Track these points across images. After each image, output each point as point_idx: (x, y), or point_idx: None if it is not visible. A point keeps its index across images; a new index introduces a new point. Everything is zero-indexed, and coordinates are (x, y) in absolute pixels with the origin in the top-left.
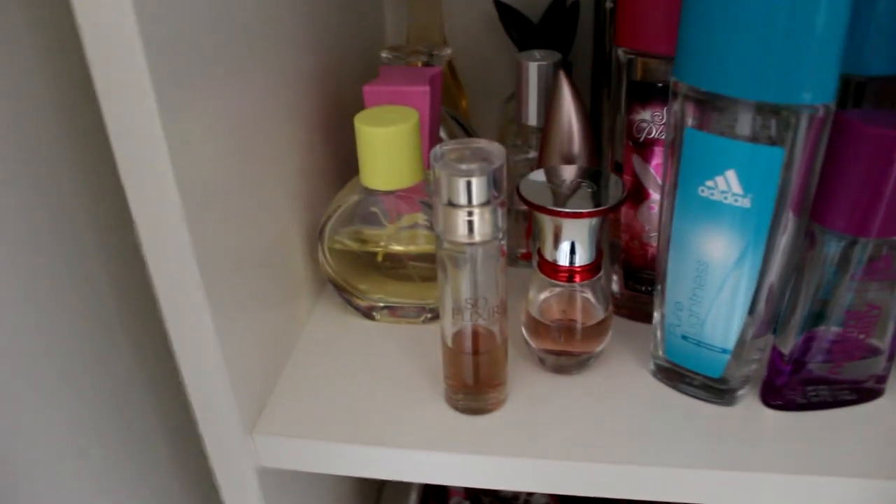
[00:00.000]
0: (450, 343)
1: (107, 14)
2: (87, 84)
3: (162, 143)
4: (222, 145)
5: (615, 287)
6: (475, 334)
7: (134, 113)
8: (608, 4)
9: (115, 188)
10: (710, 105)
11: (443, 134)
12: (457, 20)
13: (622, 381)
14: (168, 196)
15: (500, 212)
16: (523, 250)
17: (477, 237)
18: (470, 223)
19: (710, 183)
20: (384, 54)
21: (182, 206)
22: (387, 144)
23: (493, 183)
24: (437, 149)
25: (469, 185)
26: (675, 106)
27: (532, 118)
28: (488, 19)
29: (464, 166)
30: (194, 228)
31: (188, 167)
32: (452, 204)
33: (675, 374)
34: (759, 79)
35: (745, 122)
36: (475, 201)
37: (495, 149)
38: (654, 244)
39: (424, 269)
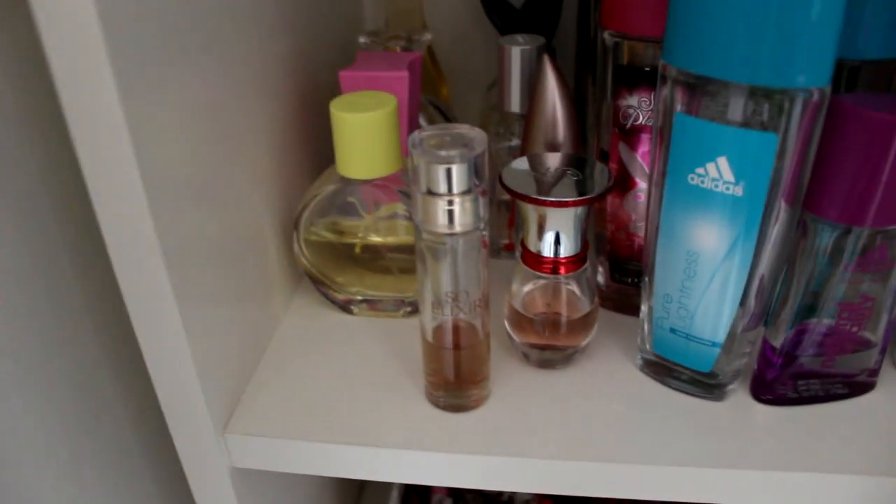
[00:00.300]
0: (430, 338)
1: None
2: (45, 67)
3: (123, 130)
4: (190, 132)
5: (600, 279)
6: (456, 329)
7: (93, 98)
8: None
9: (79, 176)
10: (700, 89)
11: (422, 121)
12: (437, 4)
13: (608, 375)
14: (131, 186)
15: (481, 201)
16: (506, 241)
17: (457, 227)
18: (450, 213)
19: (700, 170)
20: (362, 39)
21: (146, 197)
22: (364, 131)
23: (475, 171)
24: (416, 135)
25: (449, 172)
26: (664, 90)
27: (515, 105)
28: (470, 3)
29: (443, 153)
30: (159, 220)
31: (152, 155)
32: (432, 192)
33: (662, 369)
34: (751, 61)
35: (736, 107)
36: (455, 190)
37: (477, 135)
38: (642, 234)
39: (403, 260)
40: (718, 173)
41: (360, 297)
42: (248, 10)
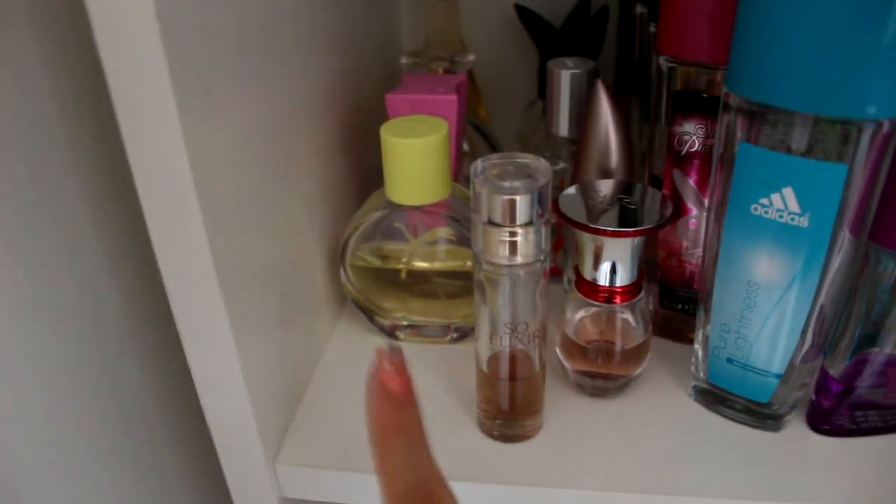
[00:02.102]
0: (485, 367)
1: (125, 16)
2: (94, 87)
3: (182, 153)
4: (244, 154)
5: (649, 305)
6: (512, 359)
7: (153, 121)
8: (639, 9)
9: (122, 197)
10: (763, 118)
11: (465, 144)
12: (473, 24)
13: (661, 404)
14: (188, 209)
15: (544, 232)
16: (552, 264)
17: (519, 259)
18: (512, 244)
19: (764, 201)
20: (404, 60)
21: (203, 221)
22: (416, 157)
23: (539, 201)
24: (478, 163)
25: (513, 203)
26: (727, 119)
27: (563, 129)
28: (506, 23)
29: (507, 184)
30: (215, 242)
31: (209, 178)
32: (493, 223)
33: (716, 398)
34: (819, 91)
35: (801, 137)
36: (518, 221)
37: (541, 165)
38: (694, 261)
39: (450, 285)
40: (784, 204)
41: (405, 323)
42: (295, 32)
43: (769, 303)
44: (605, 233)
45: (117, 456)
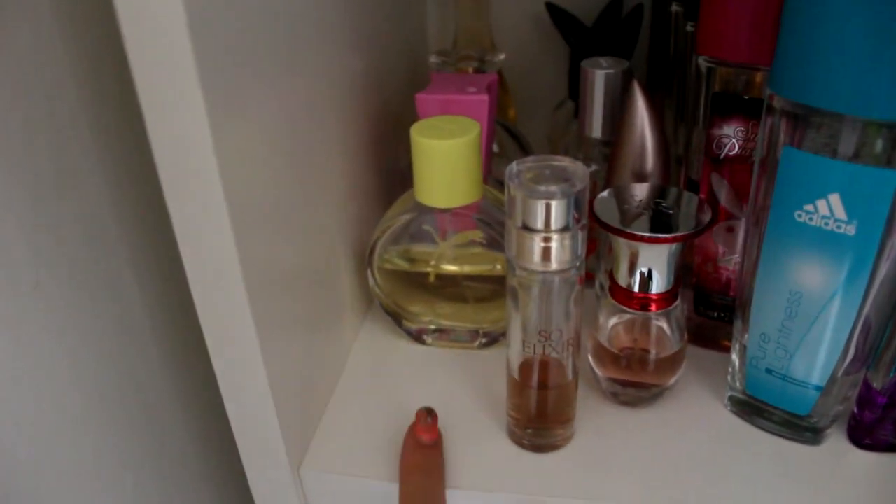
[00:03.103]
0: (516, 375)
1: (155, 15)
2: (119, 87)
3: (211, 154)
4: (271, 155)
5: None
6: (544, 367)
7: (181, 121)
8: (675, 8)
9: (147, 197)
10: (808, 121)
11: (494, 145)
12: (503, 23)
13: (695, 415)
14: (216, 211)
15: (580, 237)
16: None
17: (554, 265)
18: (547, 249)
19: (808, 207)
20: (433, 59)
21: (231, 223)
22: (447, 158)
23: (575, 206)
24: (513, 166)
25: (548, 208)
26: (770, 121)
27: (596, 130)
28: (536, 22)
29: (543, 188)
30: (242, 245)
31: (237, 179)
32: (528, 228)
33: (753, 409)
34: (868, 93)
35: (848, 141)
36: (554, 226)
37: (578, 169)
38: (730, 268)
39: (479, 289)
40: (830, 211)
41: (433, 327)
42: (323, 30)
43: (811, 313)
44: (642, 239)
45: (141, 457)
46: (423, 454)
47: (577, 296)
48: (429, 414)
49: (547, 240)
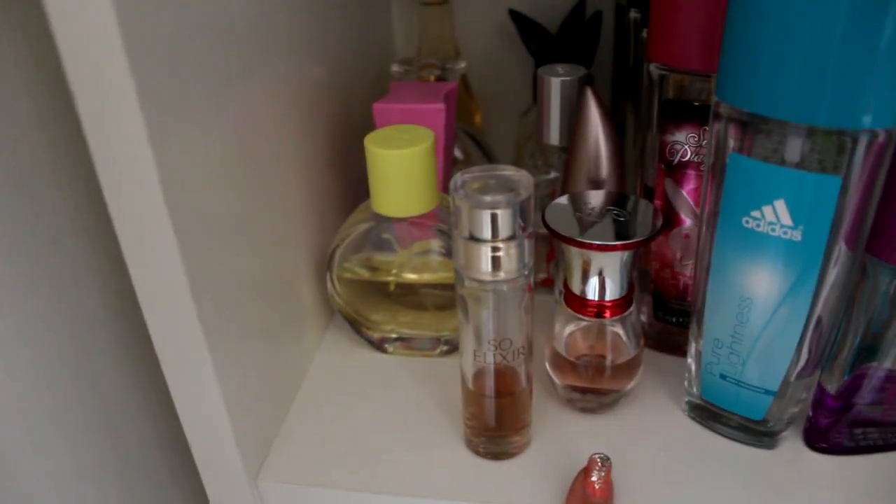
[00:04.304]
0: (470, 385)
1: (87, 30)
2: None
3: (152, 170)
4: (222, 168)
5: (643, 317)
6: (498, 375)
7: (120, 137)
8: (632, 14)
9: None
10: (754, 128)
11: (457, 152)
12: (468, 30)
13: (653, 420)
14: (160, 226)
15: (527, 246)
16: (544, 275)
17: (502, 274)
18: (494, 259)
19: (756, 213)
20: (395, 68)
21: (175, 237)
22: (401, 168)
23: (521, 215)
24: (458, 177)
25: (494, 218)
26: (717, 128)
27: (554, 137)
28: (501, 29)
29: (488, 198)
30: (189, 260)
31: (182, 195)
32: (475, 238)
33: (710, 414)
34: (812, 101)
35: (794, 148)
36: (501, 235)
37: (523, 178)
38: (688, 273)
39: (439, 297)
40: (776, 217)
41: (394, 336)
42: (281, 40)
43: (762, 318)
44: (591, 247)
45: (103, 467)
46: None
47: (527, 304)
48: (602, 463)
49: (494, 249)
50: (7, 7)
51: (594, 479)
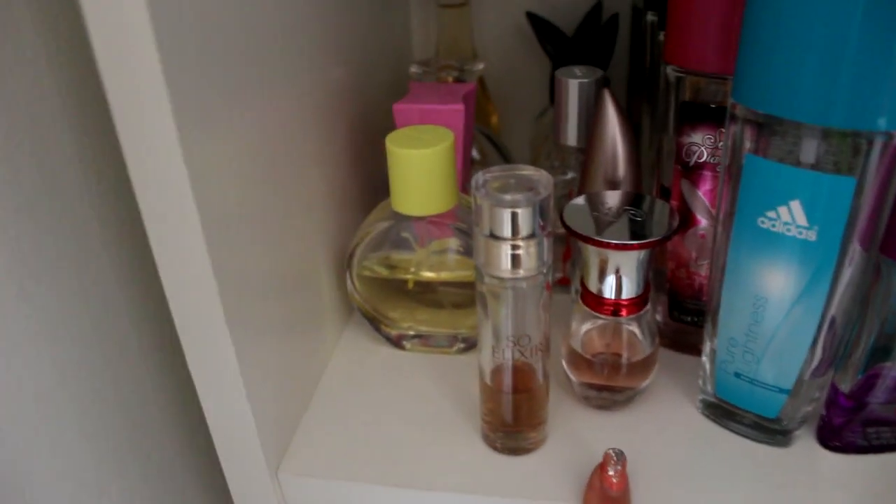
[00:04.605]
0: (488, 380)
1: (122, 31)
2: (101, 97)
3: (182, 169)
4: (248, 167)
5: (658, 316)
6: (515, 372)
7: (151, 136)
8: (649, 17)
9: (129, 204)
10: (770, 129)
11: (474, 152)
12: (486, 32)
13: (668, 418)
14: (189, 224)
15: (546, 244)
16: (560, 274)
17: (521, 272)
18: (514, 257)
19: (771, 214)
20: (413, 69)
21: (203, 235)
22: (421, 168)
23: (540, 214)
24: (479, 176)
25: (514, 217)
26: (733, 129)
27: (571, 138)
28: (518, 31)
29: (508, 197)
30: (215, 254)
31: (211, 193)
32: (495, 236)
33: (724, 412)
34: (828, 103)
35: (809, 149)
36: (520, 234)
37: (542, 177)
38: (703, 273)
39: (457, 295)
40: (791, 217)
41: (412, 333)
42: (303, 42)
43: (777, 317)
44: (609, 245)
45: (124, 463)
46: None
47: (546, 301)
48: (617, 458)
49: (514, 247)
50: (41, 7)
51: (611, 472)
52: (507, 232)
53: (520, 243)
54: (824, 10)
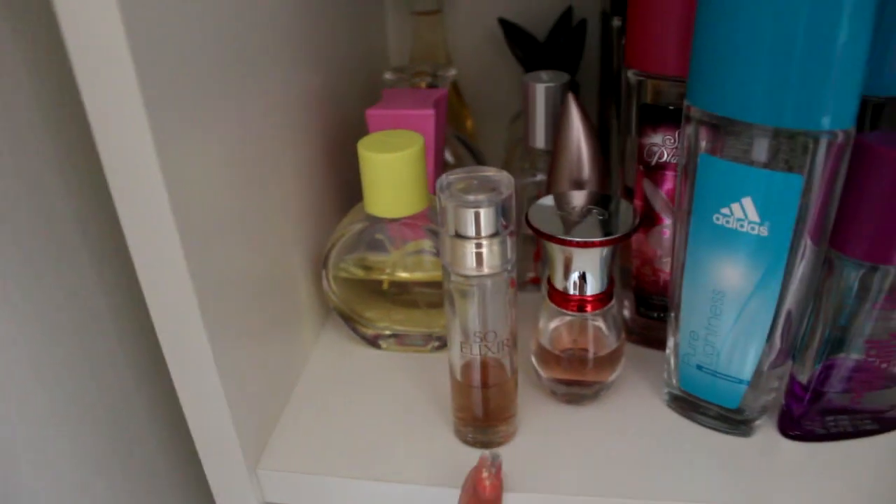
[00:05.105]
0: (458, 376)
1: (96, 36)
2: (80, 104)
3: (157, 173)
4: (223, 172)
5: (626, 313)
6: (484, 367)
7: (127, 140)
8: (615, 22)
9: (109, 207)
10: (724, 130)
11: (448, 156)
12: (460, 38)
13: (635, 411)
14: (164, 227)
15: (509, 242)
16: (531, 274)
17: (486, 269)
18: (478, 255)
19: (725, 210)
20: (387, 75)
21: (179, 237)
22: (392, 171)
23: (502, 213)
24: (443, 178)
25: (477, 216)
26: (688, 130)
27: (540, 141)
28: (492, 37)
29: (471, 197)
30: (192, 259)
31: (186, 196)
32: (460, 235)
33: (689, 405)
34: (775, 104)
35: (760, 148)
36: (484, 233)
37: (503, 178)
38: (667, 270)
39: (431, 295)
40: (744, 213)
41: (388, 332)
42: (279, 47)
43: (734, 310)
44: (571, 244)
45: (107, 461)
46: None
47: (511, 297)
48: (493, 460)
49: (478, 246)
50: (20, 15)
51: (485, 475)
52: (472, 231)
53: (483, 242)
54: (772, 17)
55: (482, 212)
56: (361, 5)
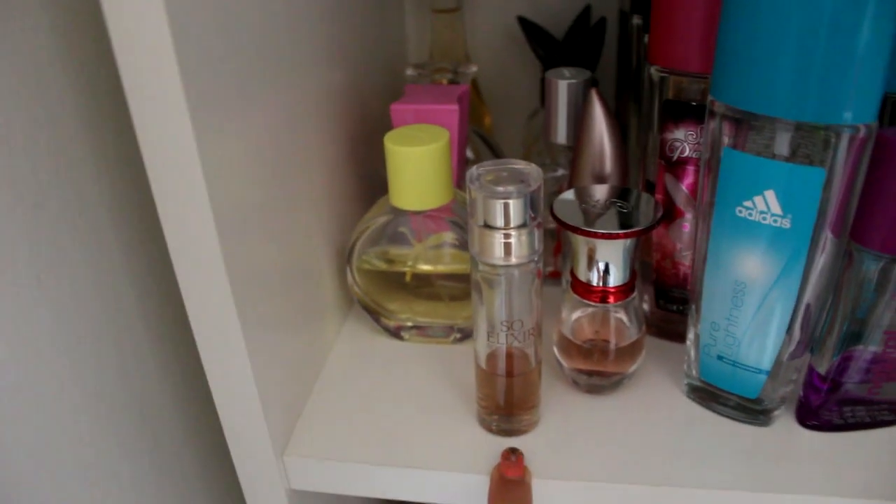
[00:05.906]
0: (483, 365)
1: (142, 35)
2: (116, 97)
3: (197, 164)
4: (256, 164)
5: (645, 306)
6: (509, 356)
7: (168, 133)
8: (635, 21)
9: (142, 200)
10: (747, 124)
11: (468, 152)
12: (479, 36)
13: (656, 401)
14: (202, 217)
15: (536, 233)
16: (551, 268)
17: (513, 259)
18: (507, 245)
19: (748, 203)
20: (409, 72)
21: (216, 227)
22: (418, 164)
23: (531, 205)
24: (474, 170)
25: (506, 207)
26: (712, 125)
27: (561, 136)
28: (510, 35)
29: (501, 188)
30: (227, 249)
31: (222, 188)
32: (489, 226)
33: (709, 395)
34: (798, 98)
35: (783, 142)
36: (512, 223)
37: (532, 170)
38: (687, 263)
39: (453, 287)
40: (766, 206)
41: (410, 324)
42: (306, 46)
43: (755, 301)
44: (596, 235)
45: (135, 449)
46: (509, 488)
47: (537, 288)
48: (512, 453)
49: (507, 236)
50: (59, 10)
51: (512, 459)
52: (500, 221)
53: (512, 232)
54: (795, 13)
55: (511, 203)
56: (382, 3)
